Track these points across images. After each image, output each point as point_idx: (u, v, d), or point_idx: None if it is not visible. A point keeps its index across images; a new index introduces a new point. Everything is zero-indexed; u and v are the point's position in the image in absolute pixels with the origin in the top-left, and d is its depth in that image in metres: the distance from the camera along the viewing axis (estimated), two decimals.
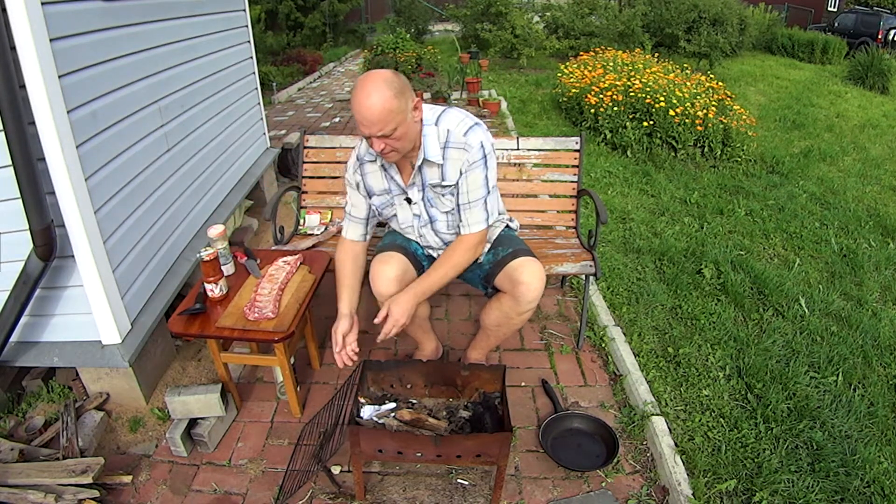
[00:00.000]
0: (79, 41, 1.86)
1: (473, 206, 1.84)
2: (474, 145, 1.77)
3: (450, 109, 1.83)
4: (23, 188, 1.67)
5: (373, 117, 1.58)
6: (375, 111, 1.57)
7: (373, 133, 1.62)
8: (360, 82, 1.61)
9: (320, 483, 1.87)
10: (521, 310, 1.90)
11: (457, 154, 1.78)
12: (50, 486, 1.71)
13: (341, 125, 6.67)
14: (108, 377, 2.12)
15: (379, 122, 1.59)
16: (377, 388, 1.94)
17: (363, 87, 1.58)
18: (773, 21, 15.49)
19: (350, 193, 1.98)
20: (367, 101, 1.57)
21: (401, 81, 1.62)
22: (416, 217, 1.94)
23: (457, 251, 1.87)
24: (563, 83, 7.10)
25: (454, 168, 1.80)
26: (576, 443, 2.02)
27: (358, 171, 1.91)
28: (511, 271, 1.89)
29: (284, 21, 13.33)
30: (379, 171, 1.88)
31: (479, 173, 1.80)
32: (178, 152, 2.59)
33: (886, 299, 3.18)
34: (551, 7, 12.24)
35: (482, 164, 1.79)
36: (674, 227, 3.92)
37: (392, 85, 1.59)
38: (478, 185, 1.81)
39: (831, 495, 1.86)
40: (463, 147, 1.77)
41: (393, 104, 1.58)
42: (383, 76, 1.60)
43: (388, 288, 1.86)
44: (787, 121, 7.44)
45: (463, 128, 1.78)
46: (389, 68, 1.75)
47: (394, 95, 1.58)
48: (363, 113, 1.58)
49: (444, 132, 1.78)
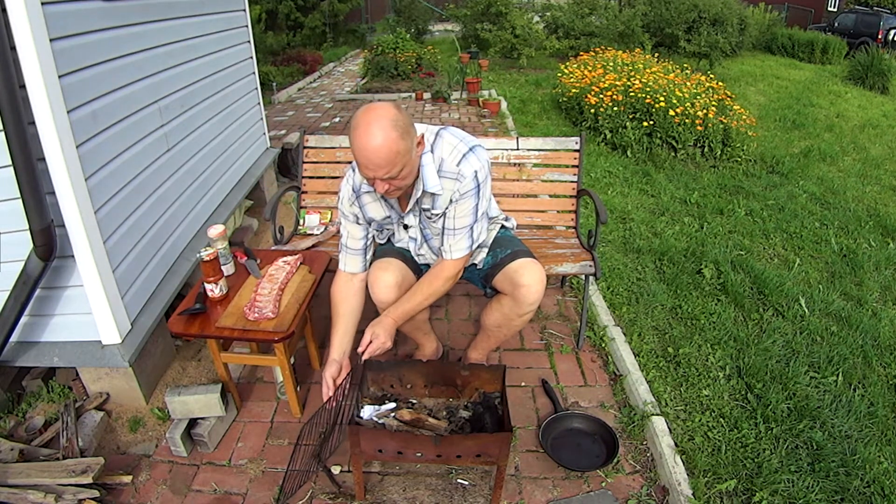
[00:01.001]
0: (79, 41, 1.86)
1: (458, 233, 1.79)
2: (467, 175, 1.70)
3: (444, 133, 1.73)
4: (23, 188, 1.67)
5: (379, 161, 1.48)
6: (381, 155, 1.47)
7: (378, 176, 1.53)
8: (361, 121, 1.49)
9: (320, 483, 1.87)
10: (521, 311, 1.90)
11: (449, 184, 1.72)
12: (50, 486, 1.71)
13: (341, 125, 6.67)
14: (108, 377, 2.12)
15: (386, 166, 1.49)
16: (377, 388, 1.93)
17: (366, 129, 1.47)
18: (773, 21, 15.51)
19: (346, 225, 1.90)
20: (372, 143, 1.46)
21: (405, 119, 1.52)
22: (412, 240, 1.95)
23: (438, 279, 1.84)
24: (563, 83, 7.10)
25: (445, 198, 1.75)
26: (576, 443, 2.02)
27: (355, 203, 1.84)
28: (511, 273, 1.88)
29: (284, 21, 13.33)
30: (377, 202, 1.83)
31: (468, 202, 1.74)
32: (178, 152, 2.59)
33: (886, 299, 3.18)
34: (551, 7, 12.25)
35: (474, 194, 1.74)
36: (674, 227, 3.92)
37: (398, 125, 1.48)
38: (466, 213, 1.76)
39: (831, 495, 1.86)
40: (455, 178, 1.71)
41: (400, 146, 1.48)
42: (388, 115, 1.48)
43: (387, 295, 1.86)
44: (787, 121, 7.44)
45: (456, 156, 1.69)
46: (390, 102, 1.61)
47: (400, 136, 1.48)
48: (368, 157, 1.48)
49: (438, 160, 1.70)
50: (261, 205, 3.81)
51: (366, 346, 1.77)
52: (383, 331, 1.78)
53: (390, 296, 1.86)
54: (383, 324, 1.79)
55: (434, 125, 1.77)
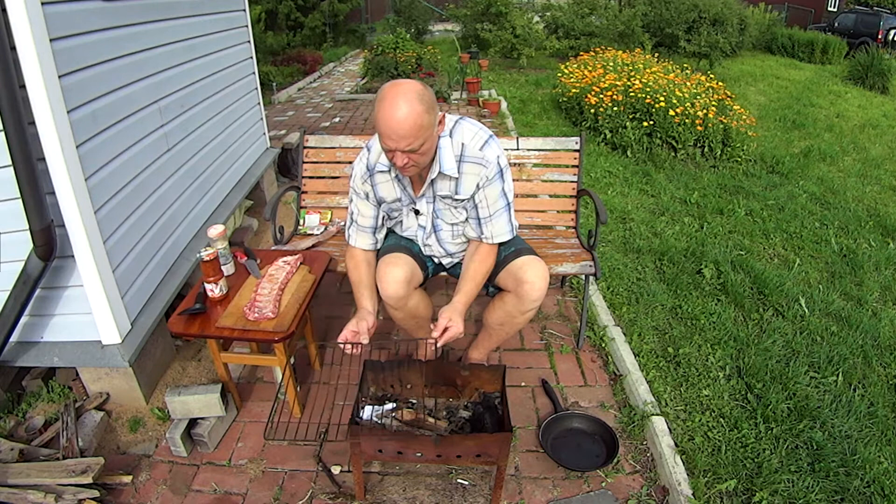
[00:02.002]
0: (79, 41, 1.86)
1: (495, 217, 1.84)
2: (491, 160, 1.76)
3: (463, 121, 1.79)
4: (23, 188, 1.67)
5: (402, 132, 1.51)
6: (406, 126, 1.50)
7: (399, 147, 1.55)
8: (388, 93, 1.52)
9: (320, 483, 1.87)
10: (524, 308, 1.90)
11: (473, 169, 1.76)
12: (50, 486, 1.71)
13: (341, 125, 6.67)
14: (108, 377, 2.12)
15: (408, 138, 1.52)
16: (377, 388, 1.93)
17: (393, 100, 1.50)
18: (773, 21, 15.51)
19: (357, 202, 1.92)
20: (398, 114, 1.50)
21: (431, 95, 1.56)
22: (420, 228, 1.94)
23: (487, 261, 1.87)
24: (563, 83, 7.10)
25: (470, 182, 1.79)
26: (576, 443, 2.02)
27: (368, 181, 1.86)
28: (515, 270, 1.89)
29: (284, 21, 13.32)
30: (391, 182, 1.84)
31: (496, 187, 1.80)
32: (178, 152, 2.59)
33: (886, 299, 3.17)
34: (551, 7, 12.25)
35: (499, 178, 1.79)
36: (674, 227, 3.92)
37: (423, 99, 1.52)
38: (495, 198, 1.81)
39: (831, 495, 1.86)
40: (480, 162, 1.75)
41: (424, 119, 1.52)
42: (415, 89, 1.53)
43: (396, 290, 1.86)
44: (787, 121, 7.44)
45: (478, 142, 1.75)
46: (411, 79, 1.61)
47: (425, 110, 1.52)
48: (392, 126, 1.51)
49: (458, 145, 1.75)
50: (261, 205, 3.81)
51: (442, 333, 1.73)
52: (459, 317, 1.76)
53: (399, 291, 1.86)
54: (458, 310, 1.77)
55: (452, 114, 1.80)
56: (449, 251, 2.01)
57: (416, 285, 1.96)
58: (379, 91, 1.57)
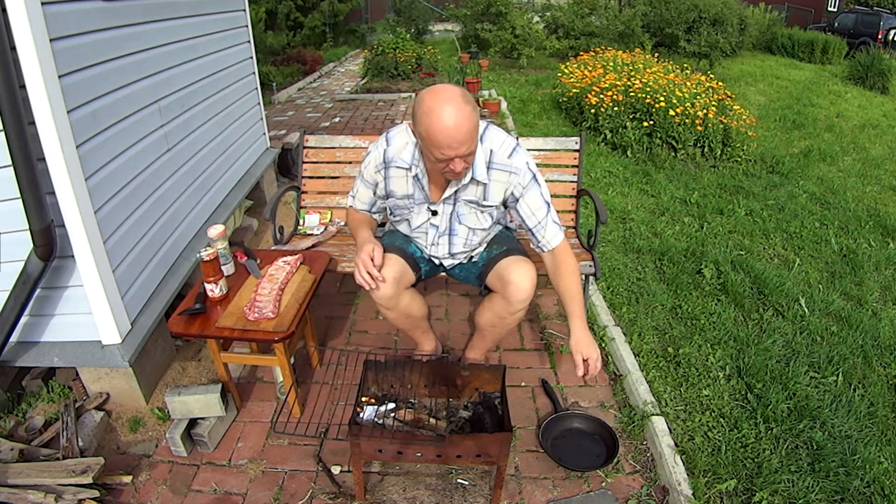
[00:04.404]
0: (79, 41, 1.86)
1: (544, 224, 1.83)
2: (521, 167, 1.76)
3: (490, 126, 1.79)
4: (23, 188, 1.67)
5: (461, 137, 1.50)
6: (464, 131, 1.50)
7: (460, 154, 1.54)
8: (435, 104, 1.50)
9: (320, 483, 1.87)
10: (512, 310, 1.91)
11: (502, 177, 1.77)
12: (50, 486, 1.71)
13: (341, 125, 6.67)
14: (108, 377, 2.12)
15: (468, 142, 1.52)
16: (377, 388, 1.93)
17: (445, 107, 1.49)
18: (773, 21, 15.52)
19: (359, 185, 1.95)
20: (453, 120, 1.48)
21: (471, 95, 1.57)
22: (433, 227, 1.93)
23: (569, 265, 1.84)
24: (563, 83, 7.10)
25: (498, 190, 1.80)
26: (576, 443, 2.02)
27: (381, 172, 1.86)
28: (501, 270, 1.90)
29: (284, 21, 13.33)
30: (405, 178, 1.83)
31: (535, 193, 1.80)
32: (178, 152, 2.59)
33: (886, 299, 3.17)
34: (551, 7, 12.25)
35: (535, 184, 1.79)
36: (674, 227, 3.92)
37: (468, 99, 1.52)
38: (539, 204, 1.81)
39: (831, 495, 1.86)
40: (509, 170, 1.76)
41: (474, 119, 1.52)
42: (457, 92, 1.52)
43: (384, 289, 1.87)
44: (787, 121, 7.44)
45: (507, 150, 1.75)
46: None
47: (473, 109, 1.52)
48: (450, 134, 1.49)
49: (487, 151, 1.75)
50: (261, 205, 3.81)
51: (585, 369, 1.71)
52: (588, 345, 1.72)
53: (388, 290, 1.87)
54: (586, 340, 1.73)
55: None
56: (454, 252, 2.01)
57: (407, 285, 1.97)
58: (419, 104, 1.54)
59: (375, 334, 2.65)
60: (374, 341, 2.60)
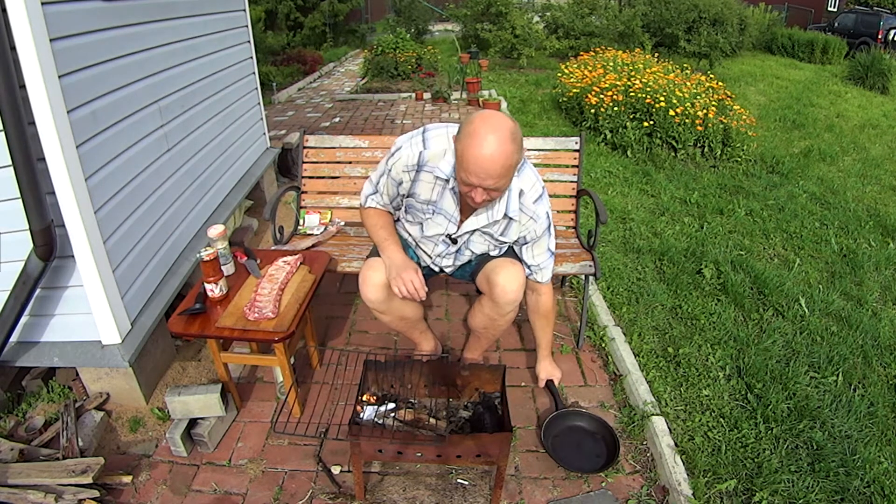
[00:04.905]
0: (79, 41, 1.86)
1: (544, 266, 1.93)
2: (542, 216, 1.79)
3: (528, 164, 1.76)
4: (23, 188, 1.67)
5: (491, 171, 1.47)
6: (496, 166, 1.46)
7: (483, 185, 1.50)
8: (480, 129, 1.45)
9: (320, 483, 1.87)
10: (502, 312, 1.91)
11: (524, 219, 1.79)
12: (50, 486, 1.71)
13: (341, 125, 6.67)
14: (108, 377, 2.12)
15: (494, 178, 1.48)
16: (377, 388, 1.93)
17: (488, 136, 1.44)
18: (773, 21, 15.52)
19: (384, 180, 1.83)
20: (490, 151, 1.44)
21: (520, 133, 1.51)
22: (445, 244, 1.91)
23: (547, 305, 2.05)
24: (563, 83, 7.10)
25: (517, 230, 1.82)
26: (576, 442, 2.02)
27: (410, 172, 1.75)
28: (489, 272, 1.90)
29: (284, 21, 13.33)
30: (433, 185, 1.75)
31: (544, 242, 1.87)
32: (178, 152, 2.59)
33: (886, 299, 3.17)
34: (551, 7, 12.25)
35: (547, 234, 1.85)
36: (674, 227, 3.92)
37: (515, 138, 1.47)
38: (543, 251, 1.89)
39: (831, 495, 1.86)
40: (532, 216, 1.78)
41: (513, 160, 1.48)
42: (508, 126, 1.47)
43: (375, 294, 1.87)
44: (787, 121, 7.44)
45: (534, 195, 1.76)
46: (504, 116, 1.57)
47: (515, 150, 1.48)
48: (481, 164, 1.46)
49: (518, 190, 1.73)
50: (261, 205, 3.81)
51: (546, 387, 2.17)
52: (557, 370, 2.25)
53: (378, 295, 1.88)
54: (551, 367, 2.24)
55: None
56: (456, 265, 2.02)
57: None
58: (468, 122, 1.50)
59: (375, 334, 2.65)
60: (374, 341, 2.60)
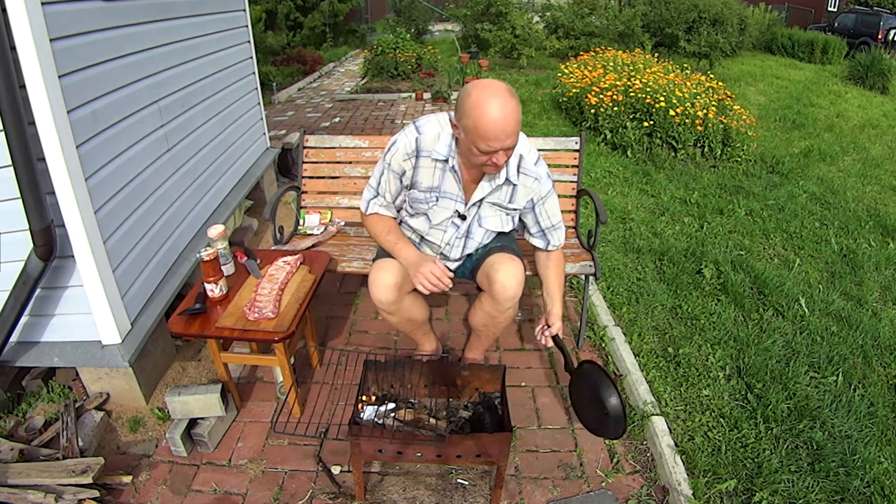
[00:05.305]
0: (79, 41, 1.86)
1: (558, 227, 1.95)
2: (543, 175, 1.84)
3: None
4: (23, 188, 1.67)
5: (509, 129, 1.53)
6: (512, 124, 1.53)
7: (506, 146, 1.56)
8: (483, 97, 1.52)
9: (320, 483, 1.87)
10: (501, 308, 1.91)
11: (528, 182, 1.82)
12: (50, 486, 1.71)
13: (341, 125, 6.67)
14: (108, 377, 2.12)
15: (514, 135, 1.55)
16: (377, 388, 1.93)
17: (493, 100, 1.51)
18: (773, 21, 15.52)
19: (388, 177, 1.84)
20: (503, 112, 1.51)
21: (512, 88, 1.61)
22: (454, 226, 1.92)
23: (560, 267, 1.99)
24: (563, 83, 7.10)
25: (524, 194, 1.85)
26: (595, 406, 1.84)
27: (411, 160, 1.78)
28: (488, 269, 1.91)
29: (284, 21, 13.33)
30: (433, 170, 1.79)
31: (553, 200, 1.90)
32: (178, 152, 2.59)
33: (886, 299, 3.17)
34: (551, 7, 12.25)
35: (552, 192, 1.89)
36: (674, 227, 3.92)
37: (514, 94, 1.56)
38: (556, 210, 1.92)
39: (831, 495, 1.86)
40: (534, 177, 1.82)
41: (519, 113, 1.56)
42: (504, 86, 1.55)
43: (385, 295, 1.87)
44: (787, 121, 7.44)
45: (533, 157, 1.82)
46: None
47: (518, 104, 1.55)
48: (499, 126, 1.51)
49: (517, 155, 1.78)
50: (261, 205, 3.81)
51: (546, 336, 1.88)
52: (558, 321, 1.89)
53: (389, 296, 1.87)
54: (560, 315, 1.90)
55: None
56: (464, 255, 2.02)
57: (408, 290, 1.96)
58: (465, 96, 1.56)
59: (375, 334, 2.65)
60: (374, 341, 2.60)
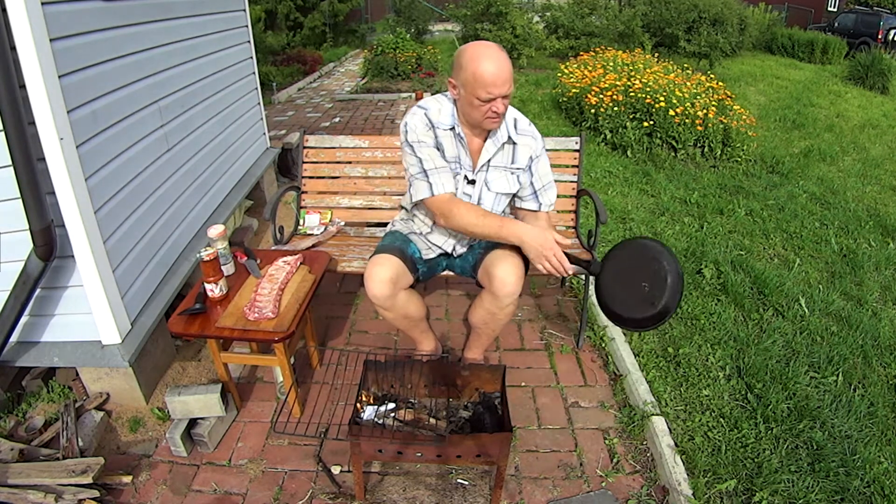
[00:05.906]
0: (79, 41, 1.86)
1: (548, 187, 2.03)
2: (538, 135, 1.99)
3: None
4: (23, 188, 1.67)
5: (505, 75, 1.69)
6: (507, 70, 1.70)
7: (503, 92, 1.71)
8: (478, 51, 1.71)
9: (320, 483, 1.87)
10: (501, 305, 1.92)
11: (527, 141, 1.96)
12: (50, 486, 1.71)
13: (341, 125, 6.67)
14: (108, 377, 2.12)
15: (508, 81, 1.71)
16: (377, 388, 1.93)
17: (485, 52, 1.70)
18: (773, 21, 15.53)
19: (424, 150, 1.84)
20: (496, 61, 1.68)
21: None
22: (466, 196, 1.97)
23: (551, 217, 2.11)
24: (563, 83, 7.10)
25: (525, 153, 1.96)
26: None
27: (430, 131, 1.86)
28: (488, 265, 1.92)
29: (284, 21, 13.32)
30: (450, 139, 1.90)
31: (545, 159, 2.02)
32: (178, 152, 2.59)
33: (886, 299, 3.17)
34: (551, 7, 12.25)
35: (545, 151, 2.02)
36: (674, 227, 3.92)
37: (503, 49, 1.75)
38: (547, 169, 2.03)
39: (831, 495, 1.86)
40: (531, 135, 1.97)
41: (511, 64, 1.73)
42: (494, 44, 1.75)
43: (380, 290, 1.87)
44: (787, 121, 7.44)
45: (524, 120, 1.98)
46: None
47: (508, 56, 1.73)
48: (496, 73, 1.68)
49: (511, 119, 1.93)
50: (261, 205, 3.81)
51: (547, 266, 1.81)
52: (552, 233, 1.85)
53: (384, 291, 1.87)
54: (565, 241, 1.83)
55: None
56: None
57: (404, 287, 1.97)
58: (461, 55, 1.75)
59: (375, 334, 2.66)
60: (374, 341, 2.60)
